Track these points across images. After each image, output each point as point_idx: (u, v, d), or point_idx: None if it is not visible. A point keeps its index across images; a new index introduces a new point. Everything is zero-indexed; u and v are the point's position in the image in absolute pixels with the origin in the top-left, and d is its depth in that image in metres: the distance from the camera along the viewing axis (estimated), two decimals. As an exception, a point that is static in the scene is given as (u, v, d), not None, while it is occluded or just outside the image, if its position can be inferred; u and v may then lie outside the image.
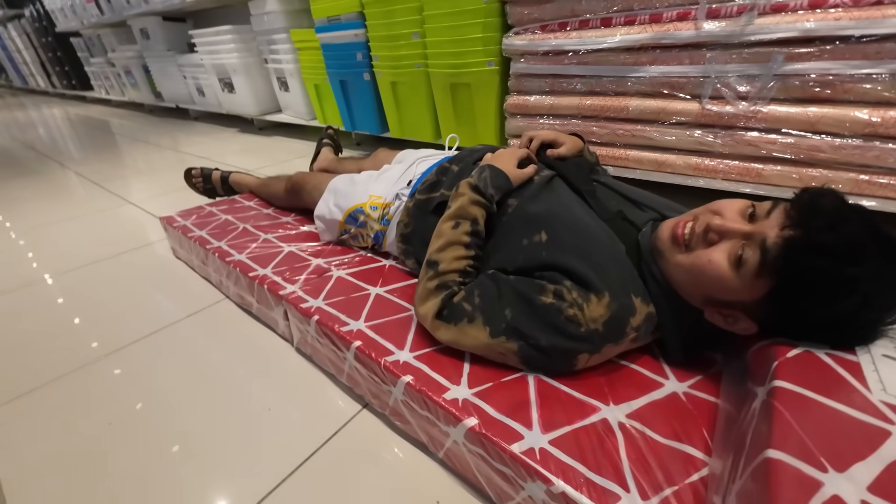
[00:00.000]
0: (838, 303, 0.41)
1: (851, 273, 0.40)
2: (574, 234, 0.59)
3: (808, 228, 0.41)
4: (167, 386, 0.76)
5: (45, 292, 1.11)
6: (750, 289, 0.45)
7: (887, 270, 0.40)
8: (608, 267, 0.55)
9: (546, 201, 0.65)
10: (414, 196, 0.81)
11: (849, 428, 0.35)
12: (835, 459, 0.32)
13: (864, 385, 0.39)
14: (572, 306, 0.52)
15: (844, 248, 0.40)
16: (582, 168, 0.73)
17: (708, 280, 0.48)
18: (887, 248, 0.41)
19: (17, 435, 0.69)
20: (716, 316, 0.51)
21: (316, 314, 0.71)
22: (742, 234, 0.46)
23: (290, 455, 0.61)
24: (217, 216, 1.15)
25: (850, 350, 0.43)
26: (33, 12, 4.86)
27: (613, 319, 0.52)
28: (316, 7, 1.91)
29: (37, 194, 1.90)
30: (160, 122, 3.58)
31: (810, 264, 0.40)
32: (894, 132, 0.89)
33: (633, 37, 1.10)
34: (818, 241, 0.40)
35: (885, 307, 0.42)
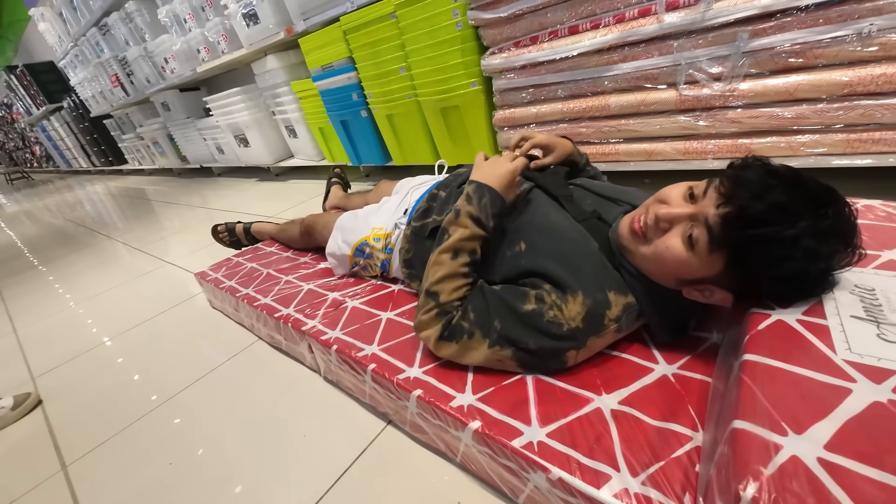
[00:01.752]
0: (786, 262, 0.44)
1: (789, 234, 0.43)
2: (550, 240, 0.64)
3: (739, 202, 0.45)
4: (215, 423, 0.85)
5: (107, 354, 1.25)
6: (709, 264, 0.49)
7: (822, 221, 0.43)
8: (582, 266, 0.59)
9: (525, 213, 0.70)
10: (410, 224, 0.88)
11: (811, 391, 0.37)
12: (794, 423, 0.34)
13: (829, 347, 0.41)
14: (552, 308, 0.57)
15: (775, 213, 0.43)
16: (558, 176, 0.78)
17: (671, 264, 0.52)
18: (816, 201, 0.44)
19: (97, 480, 0.79)
20: (693, 293, 0.55)
21: (335, 344, 0.79)
22: (687, 217, 0.50)
23: (326, 474, 0.68)
24: (243, 265, 1.26)
25: (819, 314, 0.45)
26: (70, 103, 5.41)
27: (590, 315, 0.56)
28: (310, 59, 2.06)
29: (89, 266, 2.12)
30: (188, 182, 3.87)
31: (750, 235, 0.44)
32: (873, 88, 0.89)
33: (601, 39, 1.15)
34: (750, 213, 0.44)
35: (830, 254, 0.45)
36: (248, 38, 2.32)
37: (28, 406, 1.03)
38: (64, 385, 1.13)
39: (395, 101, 1.82)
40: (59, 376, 1.18)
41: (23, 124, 8.01)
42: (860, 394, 0.35)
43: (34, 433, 0.96)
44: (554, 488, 0.49)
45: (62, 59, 4.81)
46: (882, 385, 0.35)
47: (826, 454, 0.32)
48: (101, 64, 3.92)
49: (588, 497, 0.45)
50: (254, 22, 2.21)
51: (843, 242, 0.45)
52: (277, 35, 2.16)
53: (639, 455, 0.48)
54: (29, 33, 6.71)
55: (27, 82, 6.09)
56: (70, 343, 1.35)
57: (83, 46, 4.14)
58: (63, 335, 1.43)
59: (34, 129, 7.71)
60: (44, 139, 7.51)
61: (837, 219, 0.44)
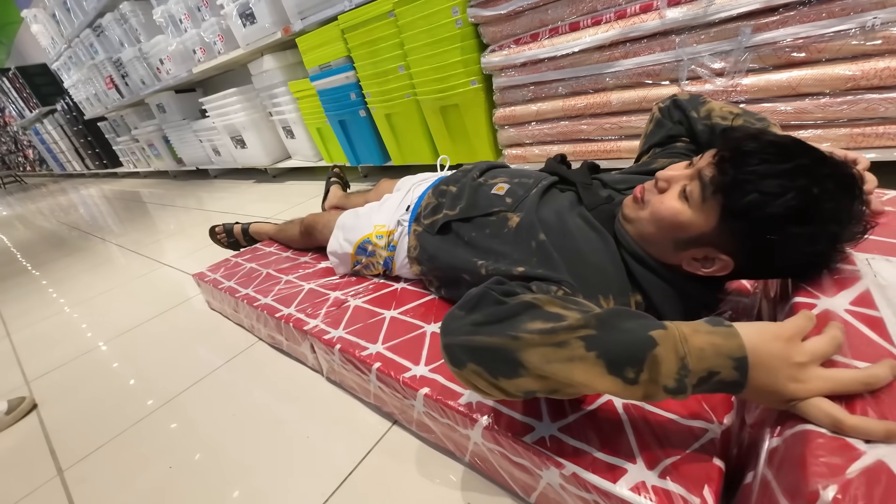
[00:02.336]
0: (781, 198, 0.42)
1: (783, 167, 0.42)
2: (563, 246, 0.62)
3: (734, 143, 0.46)
4: (215, 427, 0.83)
5: (103, 358, 1.22)
6: (704, 216, 0.48)
7: (820, 167, 0.42)
8: (607, 270, 0.58)
9: (542, 210, 0.68)
10: (420, 221, 0.86)
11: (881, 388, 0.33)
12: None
13: (888, 340, 0.37)
14: None
15: (770, 148, 0.43)
16: (583, 169, 0.77)
17: (668, 221, 0.52)
18: (813, 152, 0.44)
19: (94, 485, 0.77)
20: (693, 264, 0.53)
21: (338, 343, 0.77)
22: (684, 176, 0.51)
23: (330, 476, 0.67)
24: (242, 266, 1.24)
25: (868, 304, 0.41)
26: (64, 105, 5.36)
27: None
28: (307, 58, 2.05)
29: (84, 269, 2.09)
30: (184, 185, 3.84)
31: (744, 170, 0.44)
32: (877, 82, 0.89)
33: (602, 35, 1.15)
34: (745, 149, 0.44)
35: (829, 199, 0.42)
36: (245, 38, 2.31)
37: (23, 411, 1.01)
38: (59, 389, 1.11)
39: (393, 101, 1.81)
40: (54, 380, 1.15)
41: (15, 128, 7.94)
42: None
43: (29, 438, 0.94)
44: (568, 484, 0.48)
45: (55, 61, 4.77)
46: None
47: None
48: (96, 65, 3.89)
49: (604, 492, 0.44)
50: (250, 21, 2.20)
51: (847, 195, 0.43)
52: (274, 35, 2.14)
53: (654, 448, 0.47)
54: (21, 35, 6.67)
55: (20, 85, 6.04)
56: (65, 347, 1.33)
57: (77, 48, 4.10)
58: (58, 339, 1.41)
59: (27, 133, 7.64)
60: (37, 142, 7.44)
61: (837, 170, 0.43)
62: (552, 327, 0.39)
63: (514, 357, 0.40)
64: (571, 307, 0.43)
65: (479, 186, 0.79)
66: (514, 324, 0.41)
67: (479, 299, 0.46)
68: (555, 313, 0.41)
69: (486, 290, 0.46)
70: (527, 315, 0.42)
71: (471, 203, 0.77)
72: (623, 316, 0.40)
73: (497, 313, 0.43)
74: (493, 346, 0.41)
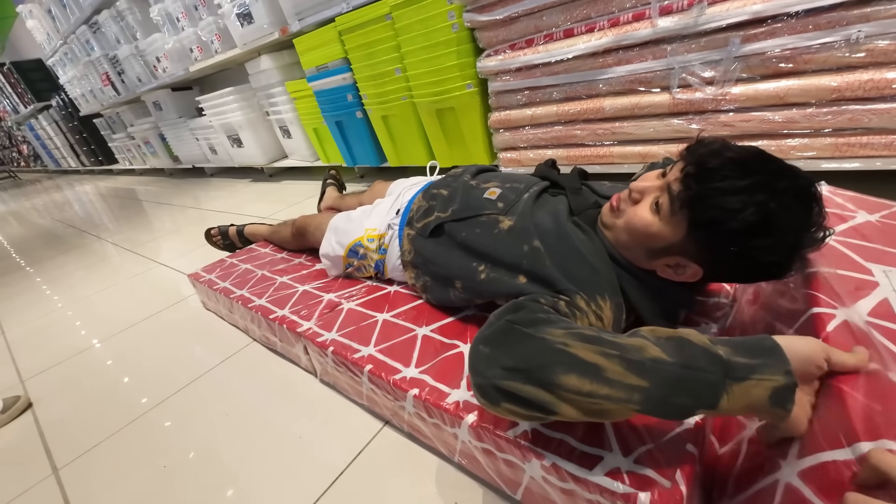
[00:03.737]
0: (741, 214, 0.45)
1: (742, 184, 0.45)
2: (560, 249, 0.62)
3: (697, 159, 0.49)
4: (209, 427, 0.85)
5: (97, 356, 1.23)
6: (673, 228, 0.52)
7: (776, 180, 0.45)
8: (602, 270, 0.59)
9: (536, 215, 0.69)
10: (412, 225, 0.87)
11: None
12: None
13: None
14: (600, 318, 0.57)
15: (730, 165, 0.46)
16: (574, 175, 0.78)
17: (639, 231, 0.55)
18: (775, 166, 0.47)
19: (89, 484, 0.78)
20: (666, 270, 0.57)
21: (331, 346, 0.79)
22: (656, 188, 0.54)
23: (322, 476, 0.68)
24: (237, 266, 1.25)
25: (891, 316, 0.40)
26: (59, 101, 5.33)
27: (616, 321, 0.57)
28: (305, 59, 2.06)
29: (78, 267, 2.09)
30: (180, 183, 3.83)
31: (706, 186, 0.47)
32: (861, 93, 0.91)
33: (596, 42, 1.17)
34: (707, 166, 0.47)
35: (787, 212, 0.45)
36: (242, 38, 2.31)
37: (18, 409, 1.02)
38: (54, 388, 1.12)
39: (390, 103, 1.82)
40: (49, 379, 1.16)
41: (10, 123, 7.88)
42: None
43: (24, 436, 0.95)
44: (549, 475, 0.49)
45: (51, 56, 4.74)
46: None
47: None
48: (92, 62, 3.87)
49: (581, 480, 0.46)
50: (248, 21, 2.20)
51: (803, 207, 0.46)
52: (272, 35, 2.15)
53: (631, 437, 0.49)
54: (16, 30, 6.62)
55: (14, 80, 6.00)
56: (60, 345, 1.33)
57: (73, 44, 4.08)
58: (52, 337, 1.41)
59: (21, 128, 7.59)
60: (31, 138, 7.39)
61: (795, 183, 0.46)
62: (591, 390, 0.39)
63: (550, 407, 0.40)
64: (610, 354, 0.39)
65: (471, 189, 0.80)
66: (548, 375, 0.40)
67: (505, 335, 0.45)
68: (592, 364, 0.39)
69: (510, 324, 0.45)
70: (561, 366, 0.40)
71: (463, 205, 0.78)
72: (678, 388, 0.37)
73: (528, 360, 0.41)
74: (527, 395, 0.41)
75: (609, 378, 0.39)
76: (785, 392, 0.36)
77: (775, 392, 0.36)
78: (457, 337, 0.74)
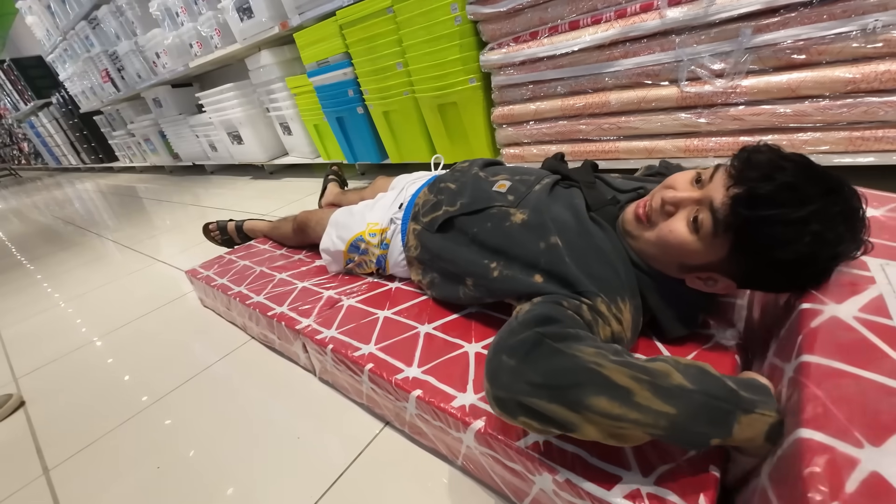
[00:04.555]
0: (793, 245, 0.43)
1: (797, 215, 0.42)
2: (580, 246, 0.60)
3: (748, 182, 0.44)
4: (206, 425, 0.82)
5: (95, 354, 1.21)
6: (713, 249, 0.48)
7: (831, 206, 0.42)
8: (622, 272, 0.57)
9: (552, 209, 0.66)
10: (418, 219, 0.84)
11: (883, 398, 0.32)
12: (870, 433, 0.30)
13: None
14: (620, 321, 0.54)
15: (784, 193, 0.42)
16: (586, 168, 0.75)
17: (674, 248, 0.51)
18: (826, 185, 0.43)
19: (81, 485, 0.76)
20: (696, 282, 0.53)
21: (330, 343, 0.76)
22: (693, 201, 0.49)
23: (320, 478, 0.66)
24: (236, 263, 1.23)
25: (882, 312, 0.40)
26: (59, 99, 5.31)
27: (634, 323, 0.56)
28: (305, 54, 2.03)
29: (78, 264, 2.07)
30: (180, 180, 3.82)
31: (758, 215, 0.43)
32: (877, 85, 0.89)
33: (602, 34, 1.14)
34: (759, 193, 0.43)
35: (838, 241, 0.43)
36: (242, 33, 2.28)
37: (10, 408, 1.00)
38: (48, 386, 1.10)
39: (391, 98, 1.80)
40: (44, 377, 1.14)
41: (10, 120, 7.87)
42: None
43: (15, 436, 0.93)
44: (561, 490, 0.47)
45: (50, 53, 4.72)
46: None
47: None
48: (91, 58, 3.85)
49: (598, 499, 0.43)
50: (247, 16, 2.18)
51: (849, 230, 0.44)
52: (272, 30, 2.12)
53: (649, 456, 0.46)
54: (16, 27, 6.60)
55: (14, 77, 5.98)
56: (56, 343, 1.31)
57: (72, 40, 4.06)
58: (49, 335, 1.39)
59: (22, 126, 7.58)
60: (32, 135, 7.38)
61: (846, 205, 0.43)
62: (620, 414, 0.38)
63: (571, 427, 0.40)
64: (641, 379, 0.39)
65: (480, 181, 0.78)
66: (578, 395, 0.39)
67: (532, 347, 0.43)
68: (624, 388, 0.39)
69: (541, 337, 0.44)
70: (591, 388, 0.39)
71: (472, 199, 0.75)
72: (700, 415, 0.38)
73: (557, 378, 0.40)
74: (551, 414, 0.40)
75: (638, 403, 0.38)
76: (778, 427, 0.38)
77: (771, 427, 0.38)
78: (460, 336, 0.71)
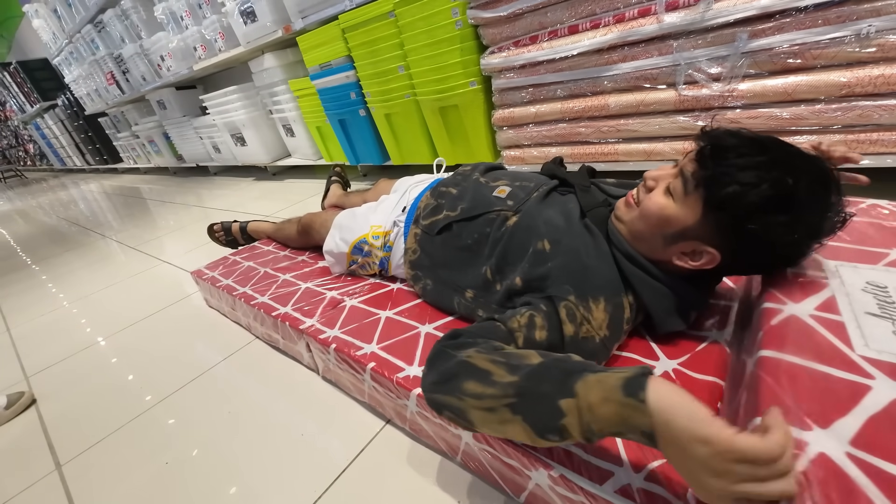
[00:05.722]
0: (757, 189, 0.45)
1: (760, 160, 0.45)
2: (572, 240, 0.62)
3: (713, 139, 0.49)
4: (211, 424, 0.84)
5: (101, 353, 1.23)
6: (689, 209, 0.51)
7: (794, 158, 0.45)
8: (601, 270, 0.59)
9: (549, 209, 0.69)
10: (418, 223, 0.85)
11: (831, 387, 0.36)
12: (819, 417, 0.34)
13: (846, 343, 0.40)
14: (582, 323, 0.55)
15: (747, 143, 0.47)
16: (582, 172, 0.78)
17: (655, 216, 0.54)
18: (788, 147, 0.47)
19: (92, 480, 0.78)
20: (683, 258, 0.55)
21: (333, 343, 0.78)
22: (670, 175, 0.54)
23: (323, 474, 0.68)
24: (240, 264, 1.25)
25: (833, 309, 0.44)
26: (65, 101, 5.36)
27: (613, 321, 0.56)
28: (308, 57, 2.05)
29: (83, 265, 2.10)
30: (184, 181, 3.85)
31: (722, 164, 0.47)
32: (871, 89, 0.90)
33: (601, 39, 1.15)
34: (723, 145, 0.48)
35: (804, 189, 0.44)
36: (246, 36, 2.31)
37: (22, 405, 1.02)
38: (58, 384, 1.12)
39: (393, 101, 1.82)
40: (53, 376, 1.16)
41: (16, 122, 7.94)
42: (881, 390, 0.35)
43: (28, 432, 0.95)
44: (556, 486, 0.49)
45: (56, 56, 4.77)
46: (902, 382, 0.34)
47: (853, 450, 0.31)
48: (97, 61, 3.89)
49: (591, 494, 0.45)
50: (251, 20, 2.20)
51: (822, 186, 0.45)
52: (275, 33, 2.15)
53: (642, 451, 0.47)
54: (23, 30, 6.66)
55: (21, 79, 6.03)
56: (64, 342, 1.34)
57: (78, 43, 4.10)
58: (57, 334, 1.42)
59: (28, 127, 7.64)
60: (37, 137, 7.44)
61: (812, 163, 0.45)
62: (481, 392, 0.43)
63: (465, 416, 0.44)
64: (499, 361, 0.44)
65: (480, 186, 0.79)
66: (457, 385, 0.45)
67: (436, 356, 0.50)
68: (484, 370, 0.44)
69: (441, 347, 0.50)
70: (463, 375, 0.45)
71: (472, 204, 0.77)
72: (543, 376, 0.41)
73: (444, 373, 0.47)
74: (449, 405, 0.45)
75: (495, 381, 0.42)
76: (637, 379, 0.35)
77: (627, 380, 0.35)
78: (460, 335, 0.73)
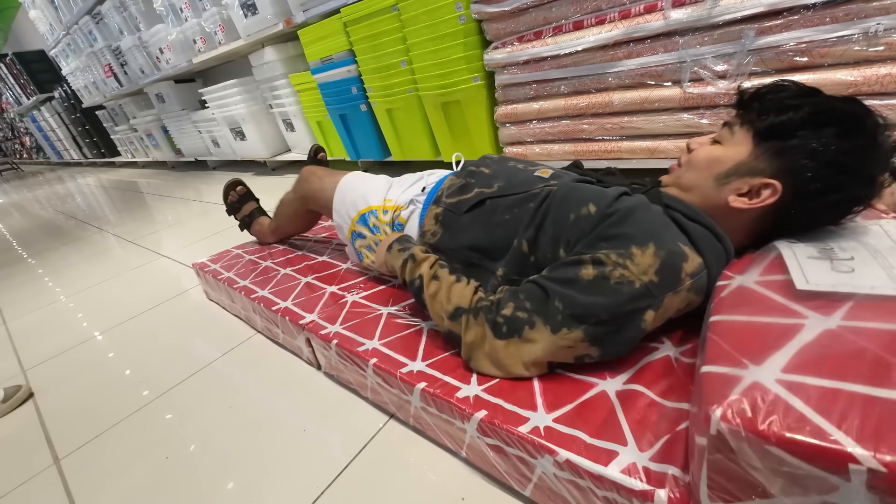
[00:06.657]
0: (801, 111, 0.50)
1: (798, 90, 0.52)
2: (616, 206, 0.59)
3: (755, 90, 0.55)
4: (211, 418, 0.84)
5: (99, 348, 1.22)
6: (738, 146, 0.55)
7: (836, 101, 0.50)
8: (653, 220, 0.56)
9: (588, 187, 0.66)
10: (440, 202, 0.80)
11: (767, 332, 0.40)
12: (754, 357, 0.37)
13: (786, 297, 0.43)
14: (616, 268, 0.53)
15: (789, 85, 0.53)
16: (616, 174, 0.77)
17: (704, 160, 0.58)
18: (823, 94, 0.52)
19: (91, 474, 0.77)
20: (741, 199, 0.54)
21: (335, 338, 0.78)
22: (711, 139, 0.60)
23: (326, 469, 0.67)
24: (242, 257, 1.24)
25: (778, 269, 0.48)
26: (62, 93, 5.31)
27: (665, 266, 0.52)
28: (309, 51, 2.04)
29: (80, 259, 2.08)
30: (182, 176, 3.82)
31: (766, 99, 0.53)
32: (879, 88, 0.89)
33: (606, 35, 1.15)
34: (764, 88, 0.54)
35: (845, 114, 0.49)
36: (246, 29, 2.29)
37: (19, 399, 1.01)
38: (55, 378, 1.11)
39: (395, 96, 1.81)
40: (51, 369, 1.15)
41: (12, 114, 7.88)
42: (812, 326, 0.38)
43: (25, 426, 0.94)
44: (562, 472, 0.48)
45: (53, 47, 4.72)
46: (832, 316, 0.39)
47: (783, 375, 0.34)
48: (94, 53, 3.86)
49: (596, 476, 0.45)
50: (252, 12, 2.18)
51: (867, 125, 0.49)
52: (276, 26, 2.13)
53: (646, 430, 0.48)
54: (19, 21, 6.59)
55: (17, 71, 5.98)
56: (61, 336, 1.32)
57: (75, 35, 4.06)
58: (54, 328, 1.41)
59: (24, 120, 7.58)
60: (34, 130, 7.38)
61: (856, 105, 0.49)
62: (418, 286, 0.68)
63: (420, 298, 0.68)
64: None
65: (518, 169, 0.78)
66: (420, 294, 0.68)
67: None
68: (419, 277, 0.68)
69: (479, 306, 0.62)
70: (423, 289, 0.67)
71: (512, 182, 0.74)
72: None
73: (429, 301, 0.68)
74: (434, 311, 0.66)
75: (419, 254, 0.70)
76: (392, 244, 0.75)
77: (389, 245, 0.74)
78: (464, 330, 0.72)
